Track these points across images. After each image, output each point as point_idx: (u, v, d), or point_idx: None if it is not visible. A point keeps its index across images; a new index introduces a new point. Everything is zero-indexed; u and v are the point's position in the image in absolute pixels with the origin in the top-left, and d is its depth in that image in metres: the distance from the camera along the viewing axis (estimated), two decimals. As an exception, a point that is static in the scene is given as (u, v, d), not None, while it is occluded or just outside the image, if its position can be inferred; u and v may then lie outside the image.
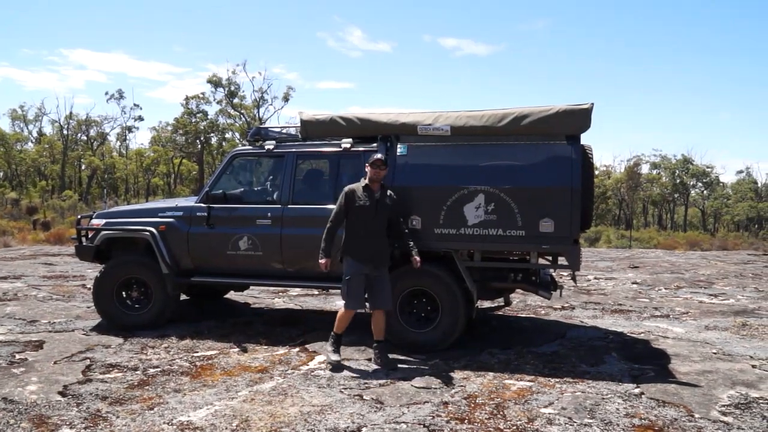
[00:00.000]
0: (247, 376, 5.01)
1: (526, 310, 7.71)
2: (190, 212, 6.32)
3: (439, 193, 5.55)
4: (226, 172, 6.49)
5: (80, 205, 35.18)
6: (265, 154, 6.38)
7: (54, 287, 9.06)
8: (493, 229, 5.45)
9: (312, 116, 6.17)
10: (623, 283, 10.13)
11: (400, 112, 5.91)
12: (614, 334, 6.51)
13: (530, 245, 5.47)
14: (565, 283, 8.71)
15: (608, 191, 46.94)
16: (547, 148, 5.43)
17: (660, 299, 8.66)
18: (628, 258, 14.07)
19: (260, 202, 6.34)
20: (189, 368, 5.21)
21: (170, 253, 6.27)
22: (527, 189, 5.39)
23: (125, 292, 6.54)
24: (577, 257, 5.40)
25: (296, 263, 6.09)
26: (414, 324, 5.76)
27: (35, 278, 9.91)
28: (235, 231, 6.15)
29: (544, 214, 5.35)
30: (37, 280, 9.67)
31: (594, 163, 5.83)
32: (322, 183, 6.40)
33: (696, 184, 50.45)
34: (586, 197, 5.45)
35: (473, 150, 5.60)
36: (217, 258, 6.27)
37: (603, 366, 5.33)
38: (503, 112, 5.57)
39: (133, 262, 6.49)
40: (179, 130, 46.99)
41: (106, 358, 5.48)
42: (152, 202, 8.40)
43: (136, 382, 4.85)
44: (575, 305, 8.06)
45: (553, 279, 6.16)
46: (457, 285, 5.62)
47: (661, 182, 50.53)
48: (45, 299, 8.10)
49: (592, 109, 5.36)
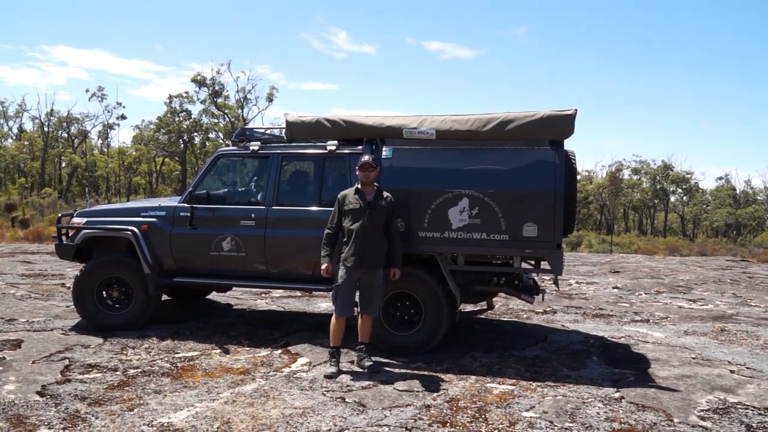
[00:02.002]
0: (228, 377, 4.98)
1: (509, 314, 7.75)
2: (173, 212, 6.28)
3: (423, 196, 5.56)
4: (210, 172, 6.45)
5: (60, 203, 34.72)
6: (249, 155, 6.35)
7: (33, 286, 8.93)
8: (477, 233, 5.48)
9: (297, 118, 6.16)
10: (604, 287, 10.22)
11: (385, 115, 5.91)
12: (595, 338, 6.56)
13: (513, 249, 5.50)
14: (548, 288, 8.77)
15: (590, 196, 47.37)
16: (531, 153, 5.47)
17: (640, 304, 8.75)
18: (609, 263, 14.20)
19: (244, 203, 6.31)
20: (170, 369, 5.16)
21: (152, 253, 6.22)
22: (511, 193, 5.42)
23: (106, 291, 6.47)
24: (559, 262, 5.44)
25: (279, 265, 6.07)
26: (397, 327, 5.77)
27: (13, 276, 9.76)
28: (218, 232, 6.12)
29: (527, 219, 5.38)
30: (15, 279, 9.52)
31: (577, 169, 5.88)
32: (306, 185, 6.39)
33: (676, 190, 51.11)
34: (569, 202, 5.49)
35: (458, 154, 5.62)
36: (199, 259, 6.23)
37: (584, 370, 5.38)
38: (488, 116, 5.59)
39: (114, 261, 6.43)
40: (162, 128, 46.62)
41: (85, 358, 5.41)
42: (134, 201, 8.33)
43: (115, 382, 4.79)
44: (557, 309, 8.12)
45: (536, 283, 6.20)
46: (440, 288, 5.64)
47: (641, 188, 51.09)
48: (23, 298, 7.98)
49: (575, 115, 5.40)
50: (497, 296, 7.24)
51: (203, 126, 47.36)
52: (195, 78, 44.77)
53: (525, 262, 5.85)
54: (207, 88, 45.16)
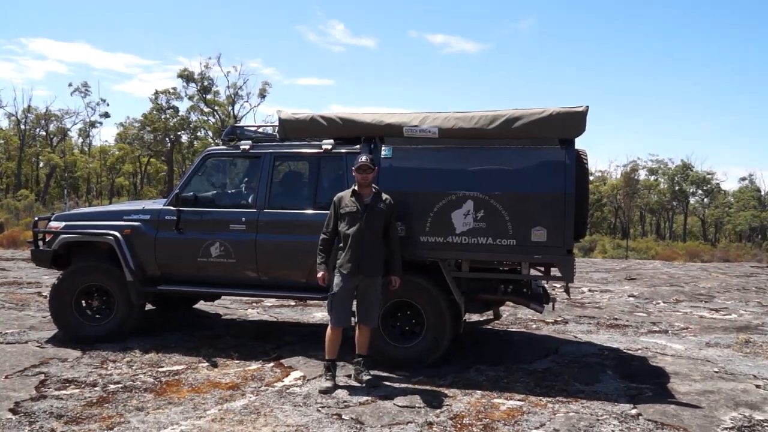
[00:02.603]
0: (216, 393, 4.97)
1: (517, 324, 7.74)
2: (158, 215, 6.27)
3: (425, 198, 5.56)
4: (198, 173, 6.45)
5: (37, 206, 34.73)
6: (240, 155, 6.35)
7: (6, 294, 8.92)
8: (483, 237, 5.47)
9: (291, 115, 6.16)
10: (619, 296, 10.21)
11: (385, 113, 5.92)
12: (610, 350, 6.55)
13: (521, 255, 5.49)
14: (558, 296, 8.76)
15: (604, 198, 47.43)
16: (540, 153, 5.46)
17: (658, 314, 8.74)
18: (625, 269, 14.19)
19: (234, 205, 6.30)
20: (153, 384, 5.14)
21: (135, 260, 6.21)
22: (518, 195, 5.41)
23: (85, 301, 6.46)
24: (570, 268, 5.44)
25: (272, 272, 6.06)
26: (397, 338, 5.75)
27: (-13, 285, 9.75)
28: (206, 236, 6.11)
29: (536, 223, 5.37)
30: (-12, 287, 9.52)
31: (589, 169, 5.88)
32: (300, 186, 6.39)
33: (696, 191, 51.16)
34: (580, 204, 5.49)
35: (462, 154, 5.62)
36: (186, 265, 6.22)
37: (598, 385, 5.36)
38: (494, 113, 5.59)
39: (94, 268, 6.42)
40: (147, 126, 46.72)
41: (62, 372, 5.40)
42: (117, 204, 8.33)
43: (94, 399, 4.78)
44: (568, 319, 8.11)
45: (546, 291, 6.20)
46: (443, 297, 5.63)
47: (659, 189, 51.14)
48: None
49: (587, 112, 5.40)
50: (504, 305, 7.23)
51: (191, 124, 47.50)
52: (182, 73, 44.92)
53: (534, 268, 5.84)
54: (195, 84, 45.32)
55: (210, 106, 46.40)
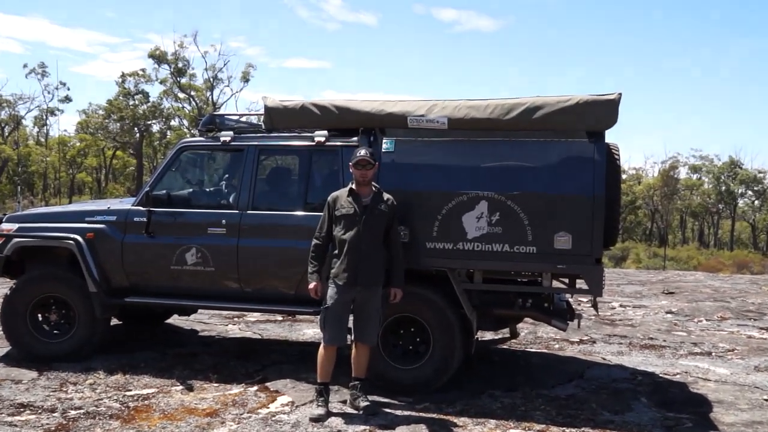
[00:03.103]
0: (192, 420, 5.00)
1: (537, 344, 7.76)
2: (126, 217, 6.30)
3: (432, 199, 5.59)
4: (172, 168, 6.48)
5: (-14, 205, 34.79)
6: (220, 148, 6.38)
7: (-48, 307, 8.94)
8: (498, 244, 5.49)
9: (279, 103, 6.19)
10: (655, 312, 10.23)
11: (386, 100, 5.94)
12: (644, 374, 6.57)
13: (542, 264, 5.51)
14: (585, 312, 8.78)
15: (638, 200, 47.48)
16: (565, 147, 5.49)
17: (700, 333, 8.76)
18: (662, 282, 14.20)
19: (213, 206, 6.34)
20: (120, 410, 5.17)
21: (100, 268, 6.24)
22: (539, 196, 5.44)
23: (41, 314, 6.49)
24: (599, 280, 5.45)
25: (256, 282, 6.10)
26: (399, 359, 5.77)
27: (-72, 296, 9.78)
28: (181, 241, 6.14)
29: (559, 227, 5.39)
30: (-70, 298, 9.55)
31: (621, 166, 5.89)
32: (289, 184, 6.42)
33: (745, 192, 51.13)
34: (610, 207, 5.50)
35: (475, 148, 5.64)
36: (158, 274, 6.25)
37: (630, 414, 5.38)
38: (512, 102, 5.62)
39: (52, 277, 6.46)
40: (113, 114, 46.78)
41: (16, 396, 5.43)
42: (78, 203, 8.37)
43: (53, 427, 4.81)
44: (596, 338, 8.13)
45: (570, 306, 6.22)
46: (452, 311, 5.65)
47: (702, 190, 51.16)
48: (-60, 322, 8.00)
49: (619, 101, 5.42)
50: (522, 322, 7.25)
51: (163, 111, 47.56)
52: (153, 53, 44.99)
53: (557, 280, 5.86)
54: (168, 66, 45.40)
55: (185, 92, 46.50)
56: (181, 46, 45.22)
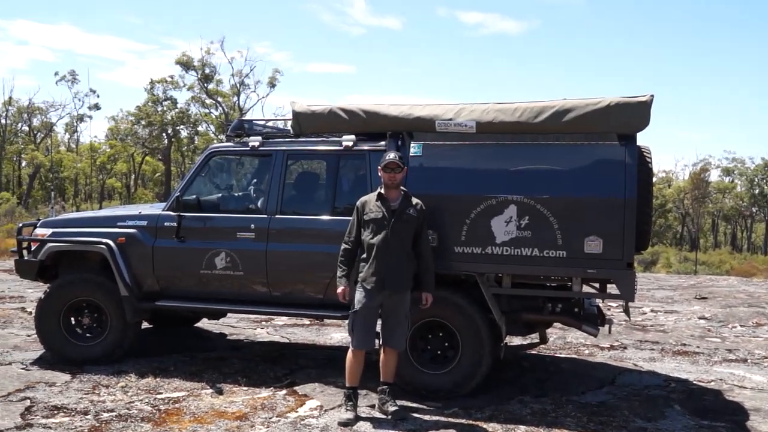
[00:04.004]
0: (222, 423, 5.03)
1: (567, 350, 7.71)
2: (156, 222, 6.37)
3: (460, 203, 5.58)
4: (201, 173, 6.54)
5: (20, 211, 35.38)
6: (248, 153, 6.43)
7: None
8: (527, 248, 5.47)
9: (307, 108, 6.23)
10: (688, 317, 10.11)
11: (413, 104, 5.95)
12: (677, 381, 6.50)
13: (572, 269, 5.48)
14: (615, 317, 8.69)
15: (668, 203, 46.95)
16: (595, 150, 5.45)
17: (735, 339, 8.64)
18: (694, 286, 14.03)
19: (242, 210, 6.38)
20: (151, 413, 5.23)
21: (131, 272, 6.31)
22: (569, 200, 5.41)
23: (74, 318, 6.58)
24: (630, 285, 5.40)
25: (284, 286, 6.13)
26: (428, 364, 5.77)
27: (-36, 299, 9.97)
28: (210, 246, 6.19)
29: (590, 231, 5.35)
30: (-34, 302, 9.74)
31: (653, 169, 5.84)
32: (317, 188, 6.44)
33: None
34: (642, 210, 5.45)
35: (503, 151, 5.63)
36: (187, 278, 6.32)
37: (663, 421, 5.32)
38: (541, 105, 5.60)
39: (84, 281, 6.53)
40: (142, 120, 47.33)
41: (49, 398, 5.50)
42: (109, 208, 8.48)
43: (86, 429, 4.87)
44: (627, 344, 8.05)
45: (601, 311, 6.16)
46: (481, 316, 5.63)
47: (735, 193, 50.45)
48: (-25, 325, 8.15)
49: (651, 103, 5.38)
50: (552, 327, 7.21)
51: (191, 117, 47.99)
52: (181, 59, 45.43)
53: (587, 284, 5.82)
54: (195, 72, 45.79)
55: (212, 97, 46.89)
56: (208, 52, 45.62)
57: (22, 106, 52.74)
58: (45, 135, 55.74)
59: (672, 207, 47.96)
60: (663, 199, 45.87)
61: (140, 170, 56.58)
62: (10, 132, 53.03)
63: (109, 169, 55.53)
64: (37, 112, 53.64)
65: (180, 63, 45.52)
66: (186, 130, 49.19)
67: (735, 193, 50.92)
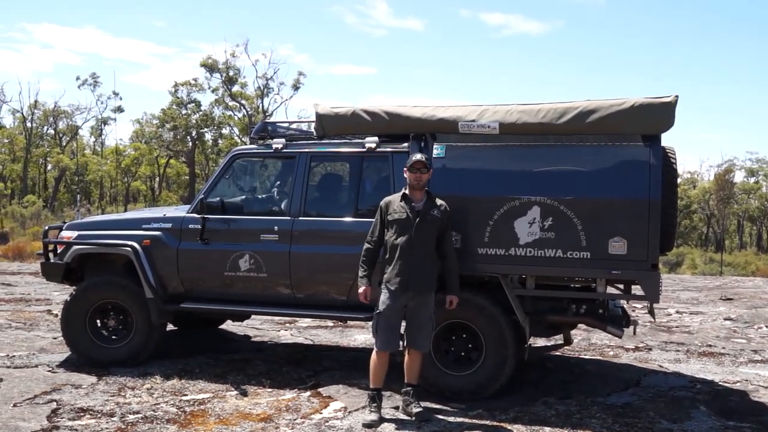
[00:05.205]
0: (247, 425, 5.05)
1: (591, 351, 7.66)
2: (181, 224, 6.42)
3: (484, 204, 5.56)
4: (225, 175, 6.58)
5: (45, 213, 35.86)
6: (271, 155, 6.46)
7: (13, 313, 9.23)
8: (551, 249, 5.44)
9: (330, 110, 6.24)
10: (713, 318, 10.01)
11: (436, 106, 5.95)
12: (703, 382, 6.44)
13: (597, 270, 5.44)
14: (640, 318, 8.62)
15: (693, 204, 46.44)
16: (619, 151, 5.42)
17: (761, 340, 8.55)
18: (719, 287, 13.88)
19: (266, 212, 6.41)
20: (176, 415, 5.26)
21: (156, 274, 6.36)
22: (593, 201, 5.37)
23: (100, 320, 6.64)
24: (655, 286, 5.36)
25: (308, 288, 6.15)
26: (452, 365, 5.76)
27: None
28: (234, 248, 6.22)
29: (614, 232, 5.32)
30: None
31: (677, 170, 5.79)
32: (340, 190, 6.46)
33: (807, 195, 49.59)
34: (667, 211, 5.42)
35: (527, 152, 5.61)
36: (212, 280, 6.35)
37: (689, 423, 5.28)
38: (565, 106, 5.57)
39: (110, 283, 6.59)
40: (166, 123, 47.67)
41: (76, 400, 5.56)
42: (134, 211, 8.55)
43: (112, 430, 4.91)
44: (653, 346, 7.99)
45: (625, 312, 6.12)
46: (505, 318, 5.61)
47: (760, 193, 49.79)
48: (2, 327, 8.26)
49: (676, 103, 5.33)
50: (576, 328, 7.16)
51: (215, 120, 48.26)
52: (205, 62, 45.66)
53: (611, 286, 5.78)
54: (220, 74, 46.03)
55: (236, 100, 47.08)
56: (232, 55, 45.74)
57: (48, 110, 53.40)
58: (70, 138, 56.31)
59: (697, 208, 47.42)
60: (688, 200, 45.39)
61: (164, 173, 57.00)
62: (36, 135, 53.71)
63: (133, 172, 55.99)
64: (62, 115, 54.28)
65: (205, 65, 45.72)
66: (210, 132, 49.47)
67: (760, 194, 50.27)
